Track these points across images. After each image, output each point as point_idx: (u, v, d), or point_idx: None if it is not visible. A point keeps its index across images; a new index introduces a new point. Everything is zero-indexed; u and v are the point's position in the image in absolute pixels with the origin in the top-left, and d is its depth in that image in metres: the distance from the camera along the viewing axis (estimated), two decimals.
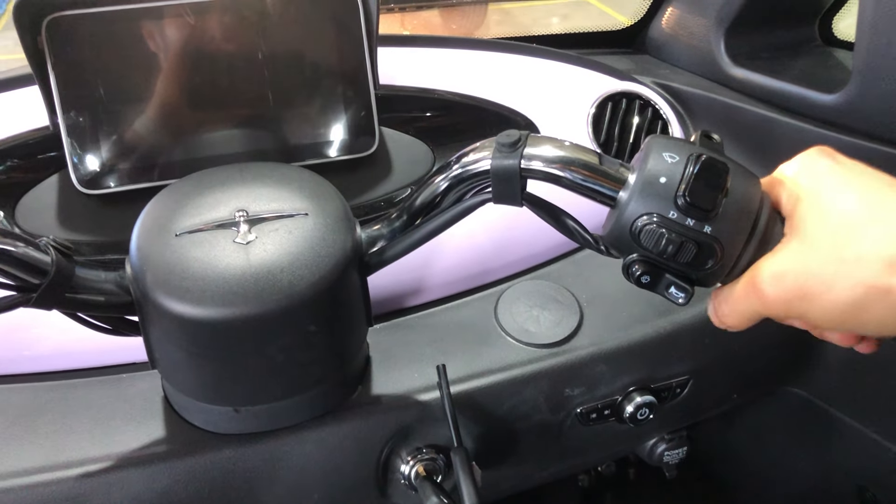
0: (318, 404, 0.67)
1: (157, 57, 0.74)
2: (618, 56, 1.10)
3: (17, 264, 0.50)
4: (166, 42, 0.74)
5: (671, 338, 0.77)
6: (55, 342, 0.71)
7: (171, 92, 0.76)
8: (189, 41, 0.74)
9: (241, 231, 0.55)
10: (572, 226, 0.55)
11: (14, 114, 0.79)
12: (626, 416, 0.76)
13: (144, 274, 0.53)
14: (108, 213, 0.77)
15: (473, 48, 0.94)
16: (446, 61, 0.92)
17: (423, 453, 0.71)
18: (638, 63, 1.06)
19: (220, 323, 0.52)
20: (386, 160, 0.84)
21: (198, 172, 0.61)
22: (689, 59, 1.02)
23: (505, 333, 0.76)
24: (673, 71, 1.03)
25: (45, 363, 0.71)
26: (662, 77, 0.99)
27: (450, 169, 0.57)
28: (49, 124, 0.75)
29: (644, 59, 1.10)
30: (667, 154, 0.49)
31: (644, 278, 0.51)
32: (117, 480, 0.63)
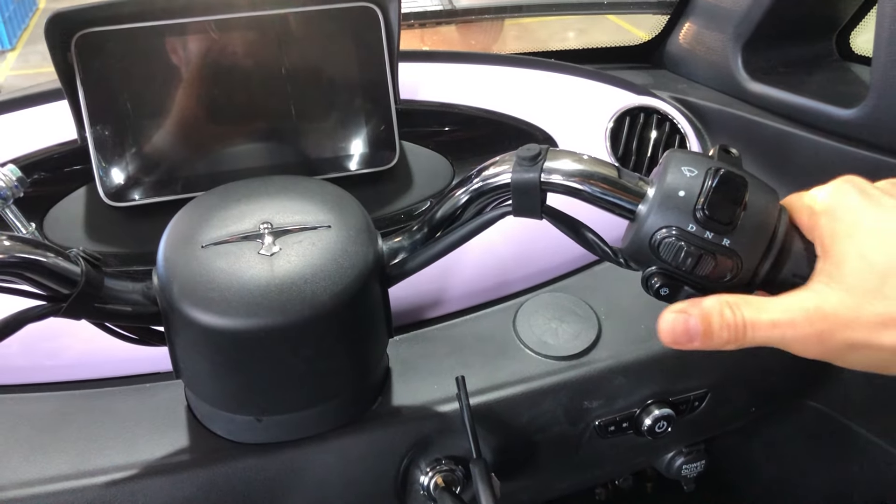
0: (339, 415, 0.68)
1: (182, 72, 0.76)
2: (635, 71, 1.11)
3: (48, 274, 0.51)
4: (192, 57, 0.75)
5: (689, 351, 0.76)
6: (80, 352, 0.72)
7: (196, 106, 0.77)
8: (214, 57, 0.76)
9: (265, 243, 0.56)
10: (592, 238, 0.55)
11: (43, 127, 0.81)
12: (645, 429, 0.77)
13: (171, 284, 0.55)
14: (133, 226, 0.78)
15: (493, 63, 0.95)
16: (466, 76, 0.93)
17: (441, 464, 0.71)
18: (655, 78, 1.07)
19: (245, 333, 0.53)
20: (406, 174, 0.85)
21: (223, 185, 0.63)
22: (706, 73, 1.02)
23: (523, 345, 0.76)
24: (690, 86, 1.03)
25: (71, 372, 0.72)
26: (680, 92, 0.99)
27: (470, 182, 0.57)
28: (77, 138, 0.76)
29: (661, 74, 1.11)
30: (686, 168, 0.50)
31: (663, 290, 0.51)
32: (142, 489, 0.64)
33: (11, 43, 6.22)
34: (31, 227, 0.63)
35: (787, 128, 0.87)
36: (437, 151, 0.88)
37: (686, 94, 0.98)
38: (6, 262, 0.49)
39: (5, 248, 0.49)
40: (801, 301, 0.45)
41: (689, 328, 0.48)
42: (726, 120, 0.93)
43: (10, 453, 0.65)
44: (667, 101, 0.95)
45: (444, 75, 0.93)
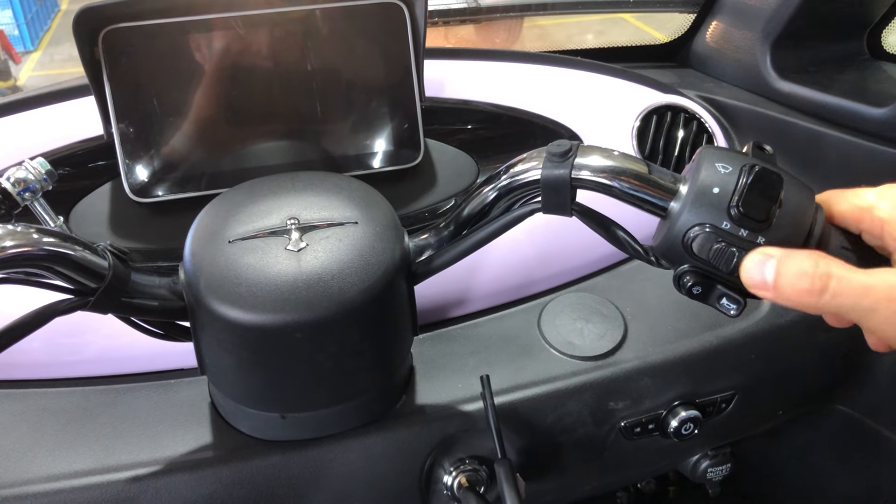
0: (363, 413, 0.67)
1: (208, 68, 0.76)
2: (660, 70, 1.10)
3: (76, 268, 0.51)
4: (218, 54, 0.75)
5: (717, 352, 0.76)
6: (104, 348, 0.72)
7: (221, 103, 0.77)
8: (240, 54, 0.76)
9: (292, 238, 0.56)
10: (622, 236, 0.54)
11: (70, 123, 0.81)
12: (671, 431, 0.76)
13: (198, 279, 0.54)
14: (159, 222, 0.78)
15: (518, 61, 0.95)
16: (491, 74, 0.93)
17: (465, 464, 0.71)
18: (681, 77, 1.06)
19: (272, 328, 0.53)
20: (431, 171, 0.85)
21: (249, 181, 0.62)
22: (734, 72, 1.01)
23: (549, 345, 0.75)
24: (717, 85, 1.02)
25: (95, 368, 0.72)
26: (707, 91, 0.98)
27: (498, 179, 0.57)
28: (103, 133, 0.76)
29: (687, 73, 1.10)
30: (720, 164, 0.49)
31: (696, 289, 0.50)
32: (165, 484, 0.64)
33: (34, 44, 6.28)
34: (60, 220, 0.64)
35: (817, 127, 0.86)
36: (462, 149, 0.87)
37: (713, 92, 0.97)
38: (35, 254, 0.49)
39: (34, 241, 0.49)
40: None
41: (766, 268, 0.44)
42: (755, 119, 0.92)
43: (36, 447, 0.65)
44: (694, 100, 0.94)
45: (469, 73, 0.92)
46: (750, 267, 0.45)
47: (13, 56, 5.86)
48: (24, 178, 0.53)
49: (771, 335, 0.78)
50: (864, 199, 0.48)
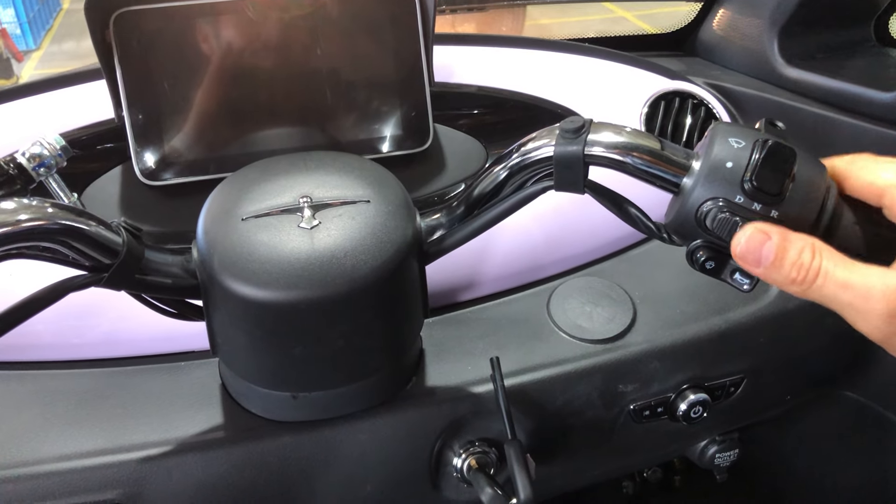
0: (373, 394, 0.67)
1: (219, 52, 0.76)
2: (667, 59, 1.10)
3: (90, 243, 0.51)
4: (228, 38, 0.76)
5: (725, 336, 0.76)
6: (114, 330, 0.72)
7: (232, 87, 0.77)
8: (250, 38, 0.76)
9: (305, 216, 0.56)
10: (635, 213, 0.55)
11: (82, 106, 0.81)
12: (680, 414, 0.76)
13: (211, 257, 0.54)
14: (169, 205, 0.79)
15: (527, 47, 0.95)
16: (500, 59, 0.93)
17: (475, 446, 0.71)
18: (688, 65, 1.06)
19: (285, 306, 0.53)
20: (439, 156, 0.85)
21: (262, 160, 0.62)
22: (741, 60, 1.01)
23: (558, 329, 0.75)
24: (724, 72, 1.02)
25: (105, 350, 0.73)
26: (714, 78, 0.98)
27: (510, 158, 0.57)
28: (114, 117, 0.77)
29: (694, 62, 1.10)
30: (733, 139, 0.49)
31: (708, 264, 0.50)
32: (177, 465, 0.64)
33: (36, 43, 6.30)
34: (74, 196, 0.64)
35: (825, 112, 0.86)
36: (471, 135, 0.87)
37: (720, 80, 0.97)
38: (50, 228, 0.49)
39: (49, 215, 0.49)
40: (884, 276, 0.42)
41: (763, 249, 0.45)
42: (762, 105, 0.92)
43: (48, 427, 0.66)
44: (702, 87, 0.94)
45: (478, 58, 0.93)
46: (746, 241, 0.46)
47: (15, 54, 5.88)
48: (40, 153, 0.53)
49: (779, 319, 0.78)
50: (886, 174, 0.47)
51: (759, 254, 0.45)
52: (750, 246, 0.45)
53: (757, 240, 0.45)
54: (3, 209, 0.48)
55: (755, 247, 0.45)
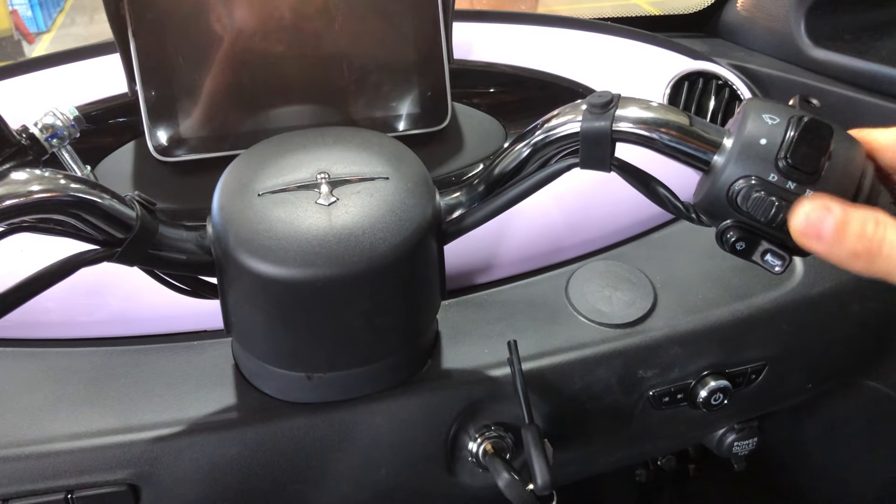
0: (389, 376, 0.66)
1: (234, 27, 0.74)
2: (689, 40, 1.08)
3: (103, 216, 0.50)
4: (244, 13, 0.74)
5: (747, 322, 0.75)
6: (125, 309, 0.71)
7: (247, 63, 0.76)
8: (266, 13, 0.75)
9: (322, 192, 0.55)
10: (662, 193, 0.53)
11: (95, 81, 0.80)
12: (700, 401, 0.74)
13: (227, 232, 0.53)
14: (182, 181, 0.77)
15: (548, 24, 0.93)
16: (519, 37, 0.91)
17: (491, 431, 0.70)
18: (711, 46, 1.04)
19: (302, 283, 0.52)
20: (457, 135, 0.84)
21: (279, 135, 0.61)
22: (766, 41, 0.99)
23: (576, 312, 0.74)
24: (748, 54, 1.00)
25: (116, 329, 0.72)
26: (738, 59, 0.96)
27: (532, 135, 0.56)
28: (128, 91, 0.75)
29: (717, 43, 1.08)
30: (767, 116, 0.47)
31: (739, 245, 0.49)
32: (188, 445, 0.63)
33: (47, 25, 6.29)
34: (87, 169, 0.62)
35: (854, 94, 0.84)
36: (489, 113, 0.86)
37: (745, 61, 0.95)
38: (62, 200, 0.47)
39: (62, 187, 0.48)
40: None
41: (824, 224, 0.43)
42: (789, 87, 0.90)
43: (59, 406, 0.65)
44: (726, 68, 0.92)
45: (497, 35, 0.91)
46: (805, 215, 0.43)
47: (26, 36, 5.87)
48: (52, 123, 0.52)
49: (803, 306, 0.77)
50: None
51: (819, 228, 0.42)
52: (811, 220, 0.43)
53: (817, 214, 0.43)
54: (15, 180, 0.46)
55: (816, 221, 0.43)
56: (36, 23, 6.20)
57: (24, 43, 5.73)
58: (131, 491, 0.63)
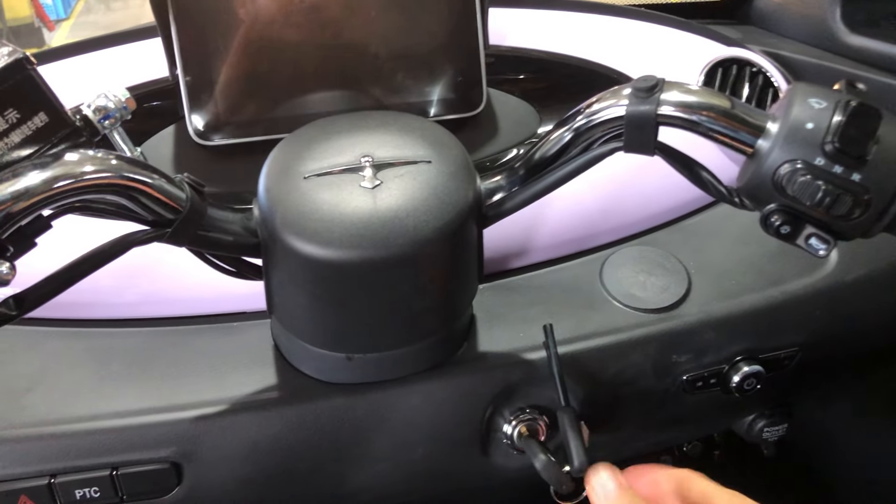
0: (426, 357, 0.67)
1: (274, 11, 0.75)
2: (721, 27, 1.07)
3: (154, 198, 0.50)
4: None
5: (781, 307, 0.75)
6: (167, 290, 0.73)
7: (284, 48, 0.76)
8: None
9: (366, 175, 0.56)
10: (706, 177, 0.53)
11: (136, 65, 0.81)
12: (733, 386, 0.75)
13: (273, 214, 0.54)
14: (221, 165, 0.78)
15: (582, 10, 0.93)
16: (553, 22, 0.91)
17: (526, 413, 0.70)
18: (743, 33, 1.03)
19: (347, 265, 0.53)
20: (492, 121, 0.84)
21: (322, 119, 0.62)
22: (799, 28, 0.99)
23: (611, 297, 0.74)
24: (781, 41, 0.99)
25: (158, 310, 0.73)
26: (771, 46, 0.96)
27: (574, 120, 0.56)
28: (168, 75, 0.76)
29: (749, 30, 1.07)
30: (813, 100, 0.48)
31: (783, 229, 0.49)
32: (231, 424, 0.65)
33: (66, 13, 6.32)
34: (138, 150, 0.63)
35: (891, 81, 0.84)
36: (524, 99, 0.86)
37: (778, 48, 0.94)
38: (114, 181, 0.48)
39: (116, 168, 0.48)
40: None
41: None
42: (824, 74, 0.90)
43: (103, 385, 0.66)
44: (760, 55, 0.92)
45: (531, 21, 0.91)
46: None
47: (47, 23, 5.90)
48: (105, 105, 0.53)
49: (837, 292, 0.77)
50: None
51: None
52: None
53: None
54: (70, 160, 0.47)
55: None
56: (56, 10, 6.23)
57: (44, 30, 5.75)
58: (174, 469, 0.64)
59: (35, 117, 0.47)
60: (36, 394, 0.65)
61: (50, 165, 0.46)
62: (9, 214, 0.44)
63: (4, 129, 0.46)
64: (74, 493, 0.63)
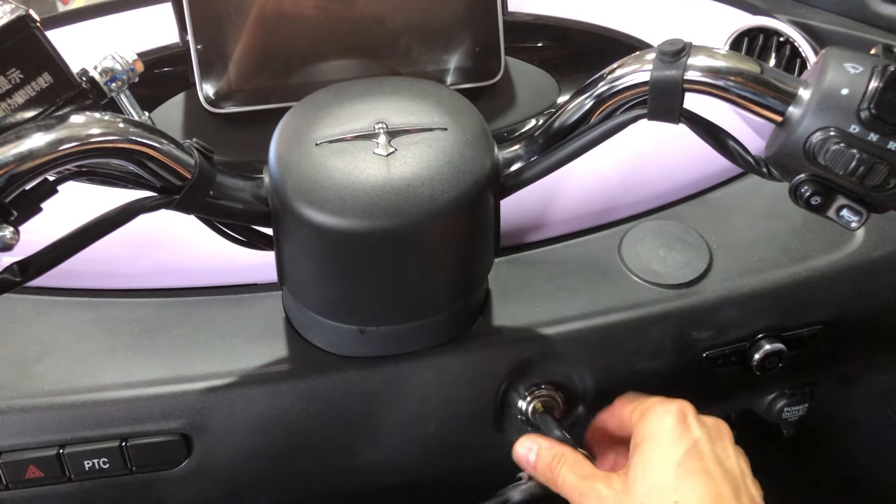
0: (441, 331, 0.66)
1: None
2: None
3: (162, 163, 0.49)
4: None
5: (805, 285, 0.73)
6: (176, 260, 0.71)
7: (298, 14, 0.74)
8: None
9: (380, 143, 0.54)
10: (732, 146, 0.51)
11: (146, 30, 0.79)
12: (754, 364, 0.73)
13: (284, 182, 0.52)
14: (232, 133, 0.77)
15: None
16: None
17: (541, 389, 0.69)
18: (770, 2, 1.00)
19: (360, 234, 0.51)
20: (510, 90, 0.82)
21: (335, 84, 0.60)
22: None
23: (630, 272, 0.73)
24: (810, 10, 0.96)
25: (167, 280, 0.72)
26: (799, 16, 0.92)
27: (597, 85, 0.54)
28: (179, 41, 0.75)
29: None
30: (849, 65, 0.46)
31: (814, 199, 0.47)
32: (240, 396, 0.64)
33: None
34: (146, 115, 0.62)
35: None
36: (542, 68, 0.84)
37: (806, 17, 0.91)
38: (122, 143, 0.47)
39: (122, 131, 0.47)
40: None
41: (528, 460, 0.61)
42: (854, 45, 0.87)
43: (112, 355, 0.65)
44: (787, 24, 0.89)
45: None
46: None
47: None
48: (112, 67, 0.51)
49: (863, 269, 0.74)
50: None
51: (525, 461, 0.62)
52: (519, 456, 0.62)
53: (523, 452, 0.62)
54: (76, 123, 0.46)
55: (523, 457, 0.62)
56: None
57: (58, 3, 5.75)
58: (184, 441, 0.64)
59: (39, 78, 0.46)
60: (45, 363, 0.64)
61: (55, 127, 0.45)
62: (12, 177, 0.43)
63: (7, 89, 0.45)
64: (83, 463, 0.62)
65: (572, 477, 0.57)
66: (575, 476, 0.57)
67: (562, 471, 0.58)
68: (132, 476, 0.64)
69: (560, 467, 0.58)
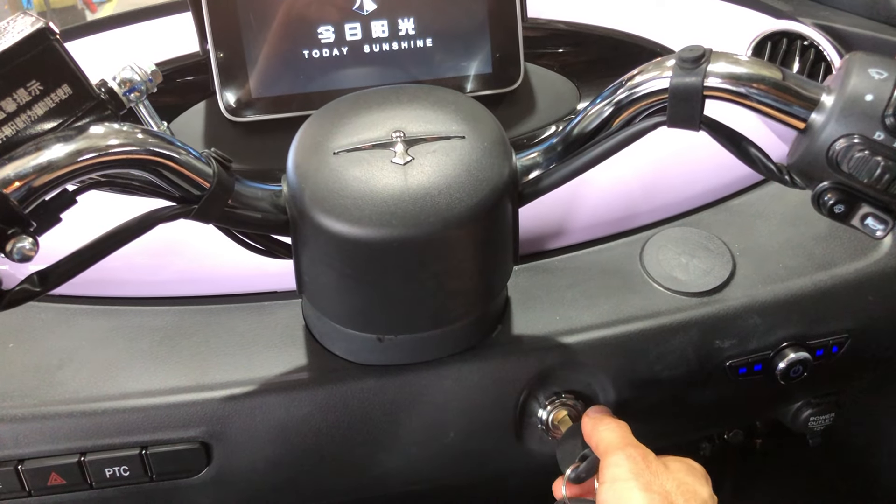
0: (459, 340, 0.65)
1: None
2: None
3: (180, 173, 0.49)
4: None
5: (830, 292, 0.72)
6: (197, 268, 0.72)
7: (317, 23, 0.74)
8: None
9: (398, 151, 0.54)
10: (754, 153, 0.51)
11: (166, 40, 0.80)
12: (778, 373, 0.71)
13: (302, 191, 0.52)
14: (252, 142, 0.77)
15: None
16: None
17: (561, 398, 0.69)
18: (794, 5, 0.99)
19: (377, 244, 0.51)
20: (529, 96, 0.82)
21: (354, 93, 0.60)
22: None
23: (651, 280, 0.72)
24: (834, 13, 0.95)
25: (187, 288, 0.72)
26: (823, 19, 0.91)
27: (616, 92, 0.53)
28: (199, 51, 0.75)
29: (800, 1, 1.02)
30: (873, 70, 0.45)
31: (837, 208, 0.47)
32: (260, 404, 0.64)
33: None
34: (164, 125, 0.62)
35: None
36: (562, 74, 0.83)
37: (830, 20, 0.90)
38: (142, 155, 0.47)
39: (141, 141, 0.47)
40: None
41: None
42: (879, 49, 0.85)
43: (132, 363, 0.66)
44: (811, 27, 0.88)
45: None
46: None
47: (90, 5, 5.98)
48: (130, 77, 0.52)
49: (889, 276, 0.73)
50: None
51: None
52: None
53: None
54: (95, 133, 0.46)
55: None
56: None
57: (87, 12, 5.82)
58: (203, 448, 0.64)
59: (58, 89, 0.46)
60: (66, 371, 0.65)
61: (74, 138, 0.45)
62: (32, 188, 0.44)
63: (28, 101, 0.45)
64: (104, 471, 0.63)
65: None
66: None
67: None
68: (152, 484, 0.64)
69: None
